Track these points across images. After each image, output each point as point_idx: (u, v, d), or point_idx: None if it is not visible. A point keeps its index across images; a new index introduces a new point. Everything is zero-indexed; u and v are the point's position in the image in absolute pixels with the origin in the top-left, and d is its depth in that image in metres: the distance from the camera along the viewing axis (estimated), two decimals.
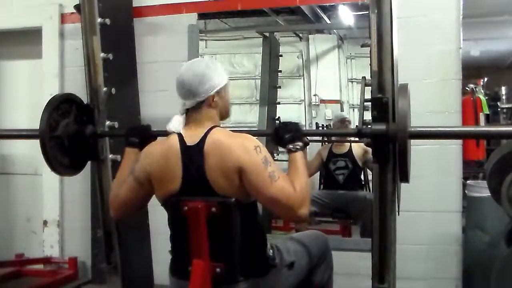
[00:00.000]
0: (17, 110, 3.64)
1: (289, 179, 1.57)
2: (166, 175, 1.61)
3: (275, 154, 4.29)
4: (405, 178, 1.53)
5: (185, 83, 1.62)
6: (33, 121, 1.93)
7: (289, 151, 1.66)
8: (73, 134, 1.93)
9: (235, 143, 1.54)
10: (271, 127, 3.90)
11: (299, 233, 2.09)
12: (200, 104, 1.64)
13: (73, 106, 1.98)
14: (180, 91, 1.64)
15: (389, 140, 1.50)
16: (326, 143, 3.82)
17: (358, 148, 3.65)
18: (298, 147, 1.66)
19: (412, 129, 1.53)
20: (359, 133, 1.64)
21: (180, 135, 1.62)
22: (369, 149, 1.59)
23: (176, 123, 1.64)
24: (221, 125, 1.68)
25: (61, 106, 1.93)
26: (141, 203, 1.75)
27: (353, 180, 3.66)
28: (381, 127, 1.51)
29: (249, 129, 4.08)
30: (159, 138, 1.82)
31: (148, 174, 1.65)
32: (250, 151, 1.53)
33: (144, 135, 1.87)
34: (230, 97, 1.73)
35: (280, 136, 1.69)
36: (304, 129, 1.68)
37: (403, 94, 1.53)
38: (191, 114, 1.65)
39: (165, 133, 1.68)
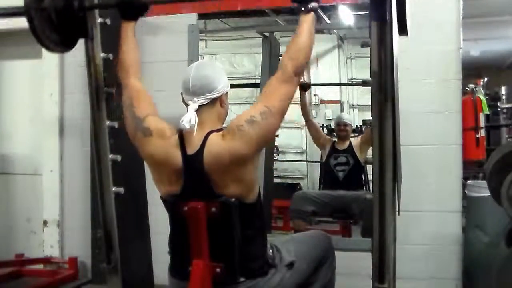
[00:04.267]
0: (17, 110, 3.64)
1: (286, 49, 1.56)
2: (166, 179, 1.62)
3: (275, 154, 4.30)
4: (404, 31, 1.49)
5: (200, 79, 1.60)
6: (33, 121, 1.93)
7: (300, 11, 1.60)
8: (61, 7, 1.80)
9: (229, 142, 1.53)
10: None
11: (301, 233, 2.09)
12: (214, 102, 1.63)
13: None
14: (193, 88, 1.60)
15: None
16: None
17: (356, 143, 3.68)
18: (311, 7, 1.59)
19: None
20: None
21: (181, 140, 1.59)
22: (365, 137, 1.52)
23: (193, 119, 1.56)
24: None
25: None
26: None
27: (352, 177, 3.66)
28: None
29: None
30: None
31: (148, 164, 1.67)
32: (240, 136, 1.51)
33: (137, 6, 1.78)
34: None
35: None
36: None
37: None
38: (201, 113, 1.60)
39: (161, 1, 1.58)
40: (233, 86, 1.76)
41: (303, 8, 1.59)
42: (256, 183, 1.63)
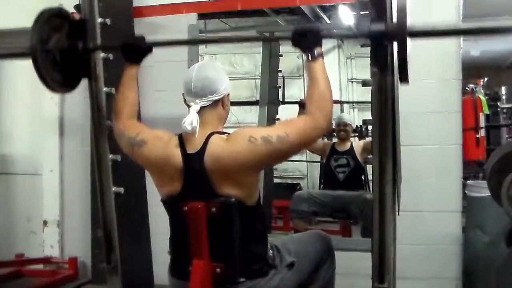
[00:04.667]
0: (17, 110, 3.64)
1: (306, 97, 1.56)
2: (166, 180, 1.62)
3: None
4: (405, 79, 1.50)
5: (202, 80, 1.59)
6: (34, 121, 1.93)
7: (308, 60, 1.57)
8: (65, 48, 1.85)
9: (233, 150, 1.52)
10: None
11: (301, 233, 2.09)
12: (216, 103, 1.63)
13: (65, 21, 1.93)
14: (195, 89, 1.59)
15: (388, 39, 1.46)
16: None
17: (358, 146, 3.67)
18: (317, 53, 1.57)
19: (412, 28, 1.50)
20: (357, 34, 1.58)
21: (181, 140, 1.60)
22: (367, 142, 1.56)
23: (195, 121, 1.56)
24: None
25: (52, 20, 1.88)
26: None
27: (353, 178, 3.66)
28: (380, 26, 1.48)
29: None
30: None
31: (147, 170, 1.67)
32: (249, 148, 1.51)
33: (140, 51, 1.78)
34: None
35: (299, 41, 1.54)
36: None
37: None
38: (203, 114, 1.60)
39: (163, 43, 1.62)
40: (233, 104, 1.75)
41: (310, 56, 1.56)
42: (257, 186, 1.63)
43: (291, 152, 1.56)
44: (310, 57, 1.56)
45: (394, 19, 1.42)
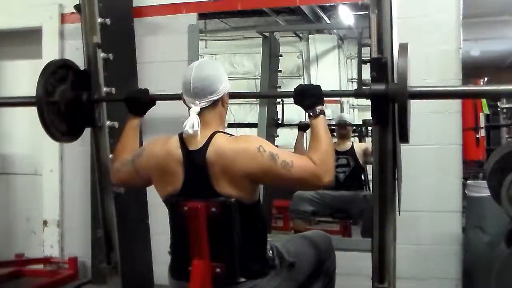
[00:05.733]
0: (17, 110, 3.64)
1: (309, 150, 1.59)
2: (168, 178, 1.61)
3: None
4: (405, 138, 1.51)
5: (201, 81, 1.58)
6: (34, 121, 1.93)
7: (310, 117, 1.64)
8: (70, 99, 1.90)
9: (239, 150, 1.53)
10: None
11: (301, 233, 2.09)
12: (216, 102, 1.62)
13: (70, 72, 1.96)
14: (194, 90, 1.58)
15: (389, 100, 1.48)
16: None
17: (359, 147, 3.66)
18: (318, 111, 1.63)
19: (412, 89, 1.51)
20: (358, 94, 1.63)
21: (181, 139, 1.60)
22: (368, 148, 1.58)
23: (196, 124, 1.55)
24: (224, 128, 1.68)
25: (57, 72, 1.91)
26: (141, 186, 1.79)
27: (353, 179, 3.66)
28: (381, 87, 1.49)
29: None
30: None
31: (149, 174, 1.66)
32: (255, 155, 1.51)
33: (144, 103, 1.85)
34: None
35: (300, 100, 1.66)
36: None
37: (402, 54, 1.49)
38: (203, 114, 1.60)
39: (165, 97, 1.65)
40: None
41: (311, 114, 1.64)
42: (257, 187, 1.63)
43: (286, 180, 1.56)
44: (311, 115, 1.63)
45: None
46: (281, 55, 4.10)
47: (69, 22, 3.33)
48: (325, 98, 1.69)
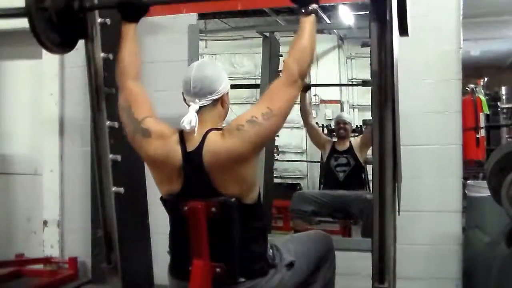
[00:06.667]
0: (17, 110, 3.64)
1: (289, 49, 1.57)
2: (166, 177, 1.61)
3: (275, 154, 4.30)
4: (405, 32, 1.49)
5: (201, 80, 1.59)
6: (33, 121, 1.93)
7: (301, 14, 1.59)
8: (61, 7, 1.80)
9: (228, 141, 1.53)
10: None
11: (301, 233, 2.09)
12: (215, 102, 1.63)
13: None
14: (194, 89, 1.59)
15: None
16: None
17: (356, 143, 3.68)
18: (311, 9, 1.58)
19: None
20: None
21: (181, 138, 1.60)
22: (364, 138, 1.51)
23: (193, 120, 1.56)
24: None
25: None
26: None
27: (353, 178, 3.66)
28: None
29: None
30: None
31: (147, 163, 1.67)
32: (239, 135, 1.51)
33: (136, 7, 1.79)
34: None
35: None
36: None
37: None
38: (202, 113, 1.60)
39: (158, 2, 1.58)
40: (233, 86, 1.76)
41: (303, 10, 1.58)
42: (256, 184, 1.63)
43: (280, 123, 1.55)
44: (303, 11, 1.58)
45: None
46: (281, 55, 4.10)
47: None
48: (325, 99, 1.69)
